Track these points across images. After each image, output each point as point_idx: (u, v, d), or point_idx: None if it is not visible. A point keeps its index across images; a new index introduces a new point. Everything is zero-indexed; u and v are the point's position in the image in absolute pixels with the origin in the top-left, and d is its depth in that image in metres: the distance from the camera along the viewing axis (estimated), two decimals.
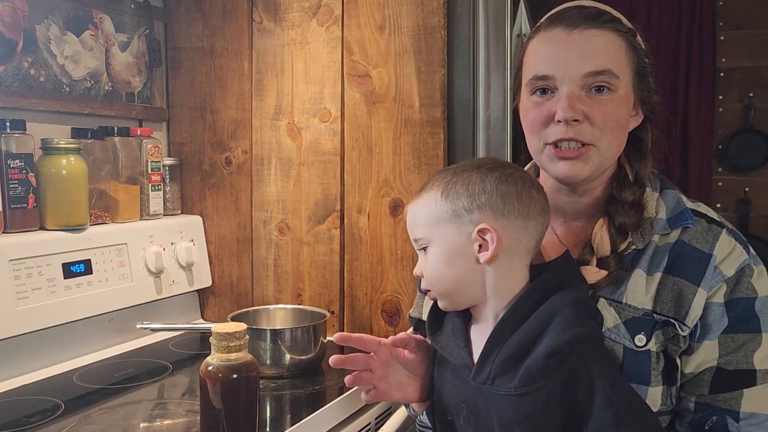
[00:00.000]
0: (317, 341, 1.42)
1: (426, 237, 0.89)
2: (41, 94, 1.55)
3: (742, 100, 3.33)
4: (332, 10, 1.63)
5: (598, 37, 0.92)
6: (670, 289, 0.91)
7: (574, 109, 0.90)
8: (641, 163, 0.98)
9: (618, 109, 0.92)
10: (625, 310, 0.92)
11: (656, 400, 0.91)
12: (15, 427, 1.15)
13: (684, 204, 0.97)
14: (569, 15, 0.94)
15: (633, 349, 0.91)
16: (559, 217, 1.03)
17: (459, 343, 0.91)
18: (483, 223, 0.85)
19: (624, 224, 0.94)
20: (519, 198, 0.87)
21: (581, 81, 0.91)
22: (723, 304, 0.91)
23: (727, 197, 3.31)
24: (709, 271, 0.91)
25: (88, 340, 1.53)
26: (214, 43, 1.80)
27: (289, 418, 1.22)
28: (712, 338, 0.91)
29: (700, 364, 0.91)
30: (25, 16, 1.51)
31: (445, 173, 0.91)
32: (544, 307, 0.84)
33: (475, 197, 0.86)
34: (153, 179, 1.71)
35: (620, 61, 0.93)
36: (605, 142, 0.92)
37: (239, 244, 1.80)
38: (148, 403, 1.28)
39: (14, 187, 1.41)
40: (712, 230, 0.94)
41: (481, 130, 1.51)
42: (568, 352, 0.80)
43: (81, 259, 1.49)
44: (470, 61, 1.50)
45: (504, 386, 0.83)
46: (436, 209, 0.88)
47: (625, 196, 0.95)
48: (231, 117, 1.79)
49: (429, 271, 0.90)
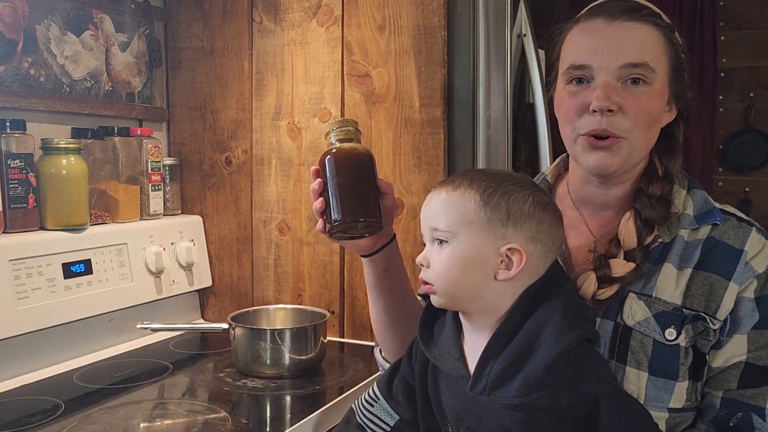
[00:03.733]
0: (317, 341, 1.42)
1: (451, 232, 0.87)
2: (41, 94, 1.55)
3: (743, 100, 3.33)
4: (332, 10, 1.63)
5: (637, 29, 0.92)
6: (700, 284, 0.92)
7: (610, 99, 0.90)
8: (671, 159, 0.98)
9: (652, 102, 0.93)
10: (655, 304, 0.92)
11: (682, 395, 0.91)
12: (15, 427, 1.15)
13: (712, 203, 0.97)
14: (609, 7, 0.94)
15: (663, 343, 0.91)
16: (588, 207, 1.03)
17: (453, 353, 0.90)
18: (515, 243, 0.85)
19: (650, 218, 0.94)
20: (549, 229, 0.87)
21: (617, 72, 0.91)
22: (754, 300, 0.91)
23: (727, 197, 3.30)
24: (740, 266, 0.92)
25: (88, 340, 1.53)
26: (214, 43, 1.80)
27: (289, 418, 1.22)
28: (743, 333, 0.91)
29: (729, 358, 0.92)
30: (25, 16, 1.51)
31: (483, 176, 0.89)
32: (534, 317, 0.84)
33: (514, 214, 0.85)
34: (153, 179, 1.71)
35: (657, 55, 0.93)
36: (635, 134, 0.92)
37: (239, 244, 1.80)
38: (148, 403, 1.28)
39: (14, 187, 1.41)
40: (743, 227, 0.95)
41: (481, 130, 1.50)
42: (565, 362, 0.80)
43: (81, 259, 1.49)
44: (470, 61, 1.50)
45: (501, 396, 0.83)
46: (472, 210, 0.86)
47: (653, 190, 0.96)
48: (231, 117, 1.79)
49: (442, 267, 0.88)
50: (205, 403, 1.27)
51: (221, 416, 1.19)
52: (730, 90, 3.35)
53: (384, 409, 1.02)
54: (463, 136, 1.52)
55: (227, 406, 1.25)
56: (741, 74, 3.32)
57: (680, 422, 0.93)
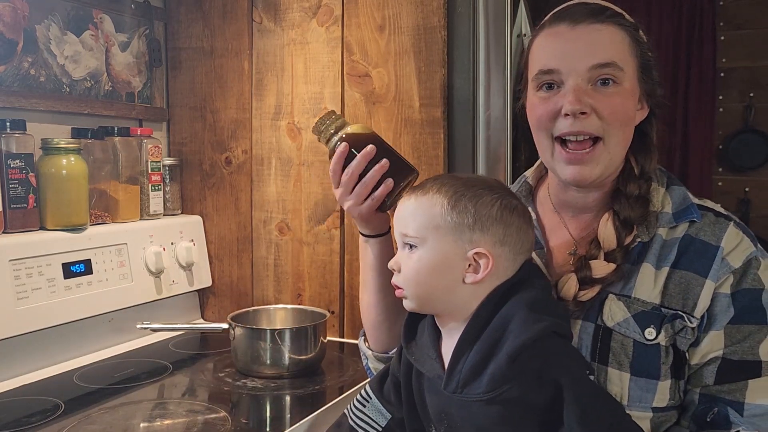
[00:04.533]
0: (317, 341, 1.42)
1: (420, 237, 0.88)
2: (41, 94, 1.55)
3: (742, 100, 3.33)
4: (332, 10, 1.63)
5: (602, 30, 0.93)
6: (677, 282, 0.92)
7: (581, 102, 0.91)
8: (647, 157, 0.99)
9: (624, 102, 0.93)
10: (634, 305, 0.92)
11: (665, 394, 0.92)
12: (15, 427, 1.15)
13: (690, 200, 0.97)
14: (573, 11, 0.96)
15: (643, 343, 0.91)
16: (568, 211, 1.03)
17: (431, 354, 0.91)
18: (482, 248, 0.86)
19: (629, 218, 0.94)
20: (518, 232, 0.88)
21: (587, 74, 0.92)
22: (729, 295, 0.91)
23: (727, 197, 3.31)
24: (717, 263, 0.92)
25: (88, 340, 1.53)
26: (214, 43, 1.80)
27: (289, 418, 1.22)
28: (718, 328, 0.91)
29: (706, 354, 0.92)
30: (25, 16, 1.51)
31: (453, 181, 0.90)
32: (501, 313, 0.85)
33: (481, 218, 0.86)
34: (153, 179, 1.71)
35: (624, 54, 0.93)
36: (613, 135, 0.93)
37: (239, 244, 1.81)
38: (148, 403, 1.28)
39: (14, 187, 1.41)
40: (720, 223, 0.95)
41: (481, 130, 1.51)
42: (530, 353, 0.80)
43: (81, 259, 1.49)
44: (470, 61, 1.50)
45: (473, 393, 0.83)
46: (439, 215, 0.87)
47: (630, 190, 0.96)
48: (231, 117, 1.79)
49: (411, 271, 0.89)
50: (205, 403, 1.27)
51: (221, 416, 1.19)
52: (729, 90, 3.35)
53: (376, 408, 1.02)
54: (463, 136, 1.52)
55: (227, 406, 1.25)
56: (740, 74, 3.32)
57: (664, 421, 0.94)
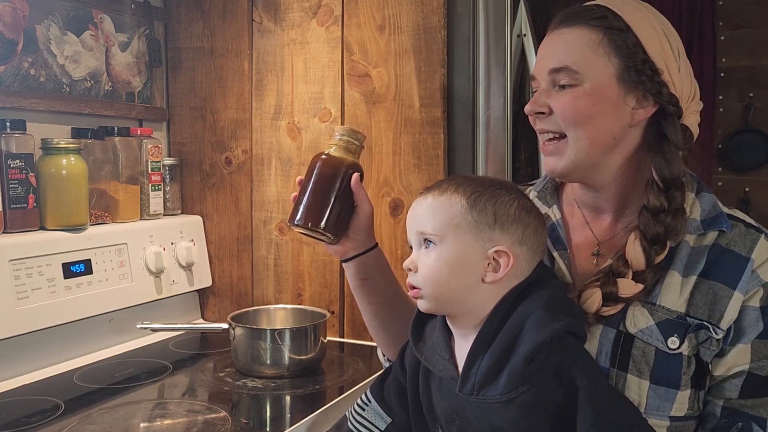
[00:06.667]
0: (317, 341, 1.42)
1: (439, 235, 0.87)
2: (41, 94, 1.55)
3: (742, 100, 3.33)
4: (332, 10, 1.63)
5: (564, 35, 0.95)
6: (705, 293, 0.90)
7: (537, 103, 0.96)
8: (665, 162, 0.92)
9: (577, 101, 0.92)
10: (658, 312, 0.90)
11: (684, 404, 0.90)
12: (15, 427, 1.15)
13: (720, 208, 0.95)
14: (558, 16, 0.97)
15: (665, 352, 0.90)
16: (587, 209, 1.03)
17: (443, 355, 0.90)
18: (502, 246, 0.86)
19: (658, 234, 0.90)
20: (535, 233, 0.88)
21: (549, 78, 0.95)
22: (759, 309, 0.90)
23: (727, 197, 3.29)
24: (746, 275, 0.90)
25: (88, 340, 1.53)
26: (214, 43, 1.80)
27: (289, 418, 1.22)
28: (746, 342, 0.90)
29: (731, 368, 0.91)
30: (25, 16, 1.51)
31: (469, 181, 0.90)
32: (516, 313, 0.85)
33: (500, 217, 0.86)
34: (153, 179, 1.71)
35: (585, 55, 0.92)
36: (572, 131, 0.93)
37: (239, 244, 1.81)
38: (148, 403, 1.28)
39: (14, 187, 1.41)
40: (751, 234, 0.93)
41: (481, 130, 1.51)
42: (546, 353, 0.80)
43: (81, 259, 1.49)
44: (470, 61, 1.50)
45: (489, 395, 0.83)
46: (459, 213, 0.87)
47: (653, 203, 0.91)
48: (231, 117, 1.79)
49: (429, 270, 0.88)
50: (205, 403, 1.27)
51: (221, 416, 1.19)
52: (729, 90, 3.35)
53: (375, 412, 1.02)
54: (463, 136, 1.52)
55: (227, 406, 1.25)
56: (740, 74, 3.32)
57: (682, 430, 0.92)
